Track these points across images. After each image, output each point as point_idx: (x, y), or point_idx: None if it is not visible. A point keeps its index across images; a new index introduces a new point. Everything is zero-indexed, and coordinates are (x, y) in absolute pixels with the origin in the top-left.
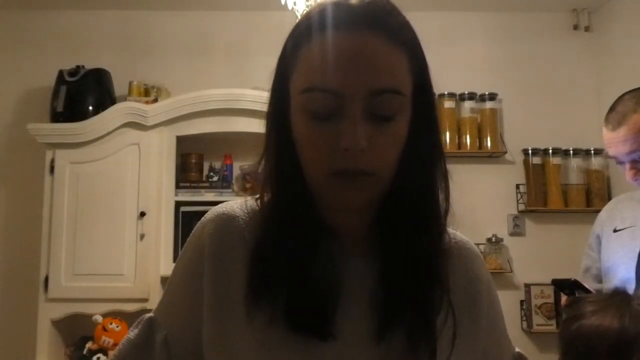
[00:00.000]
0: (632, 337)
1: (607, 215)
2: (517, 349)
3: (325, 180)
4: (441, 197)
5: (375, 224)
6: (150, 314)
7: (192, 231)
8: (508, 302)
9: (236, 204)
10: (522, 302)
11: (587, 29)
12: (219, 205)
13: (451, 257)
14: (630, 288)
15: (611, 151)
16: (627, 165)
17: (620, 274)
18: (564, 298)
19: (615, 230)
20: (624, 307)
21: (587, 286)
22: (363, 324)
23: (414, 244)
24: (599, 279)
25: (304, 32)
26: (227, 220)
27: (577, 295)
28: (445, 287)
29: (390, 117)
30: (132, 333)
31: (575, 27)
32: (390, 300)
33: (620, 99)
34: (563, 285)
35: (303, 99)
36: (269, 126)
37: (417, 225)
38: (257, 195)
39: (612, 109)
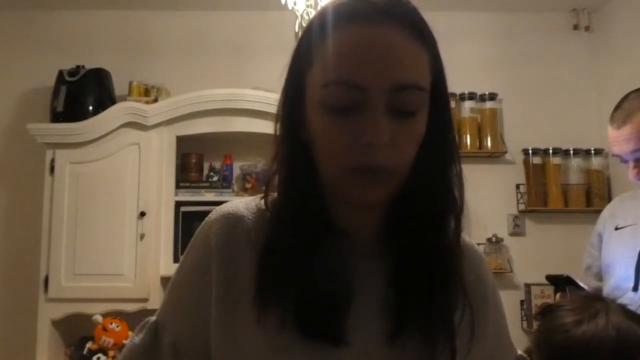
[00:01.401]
0: (631, 343)
1: (610, 213)
2: (519, 351)
3: (343, 176)
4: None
5: (386, 224)
6: (155, 317)
7: (197, 231)
8: (508, 302)
9: (241, 203)
10: (522, 302)
11: (587, 29)
12: (224, 204)
13: (461, 258)
14: (628, 286)
15: (615, 149)
16: (631, 164)
17: (620, 272)
18: (558, 295)
19: (616, 228)
20: (613, 313)
21: (580, 283)
22: (375, 328)
23: (429, 242)
24: (599, 277)
25: (323, 26)
26: (234, 220)
27: (567, 291)
28: (461, 285)
29: (411, 113)
30: (136, 338)
31: (575, 27)
32: (402, 302)
33: (626, 97)
34: (556, 281)
35: (323, 93)
36: (282, 125)
37: (432, 223)
38: (261, 195)
39: (617, 107)
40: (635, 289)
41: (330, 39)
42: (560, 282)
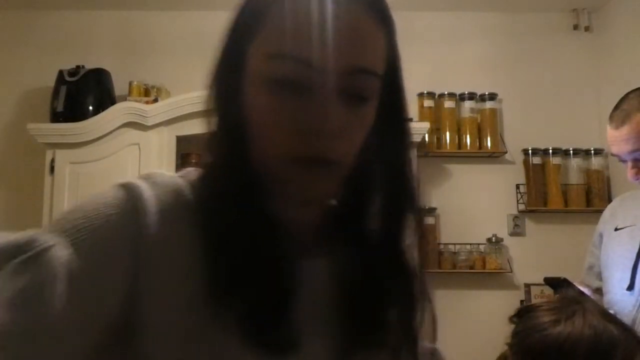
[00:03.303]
0: (606, 343)
1: (610, 213)
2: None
3: (285, 167)
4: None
5: (331, 219)
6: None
7: (99, 197)
8: (508, 302)
9: (164, 187)
10: (522, 302)
11: (587, 29)
12: (142, 181)
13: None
14: (624, 287)
15: (614, 149)
16: (629, 164)
17: (617, 273)
18: (556, 297)
19: (616, 229)
20: (590, 314)
21: (578, 286)
22: (326, 337)
23: (379, 243)
24: (601, 276)
25: None
26: (171, 196)
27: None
28: (423, 282)
29: (363, 100)
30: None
31: (575, 27)
32: (353, 310)
33: (625, 97)
34: (554, 284)
35: (269, 67)
36: (216, 99)
37: (385, 222)
38: (189, 176)
39: (617, 107)
40: (630, 288)
41: (283, 4)
42: (558, 285)
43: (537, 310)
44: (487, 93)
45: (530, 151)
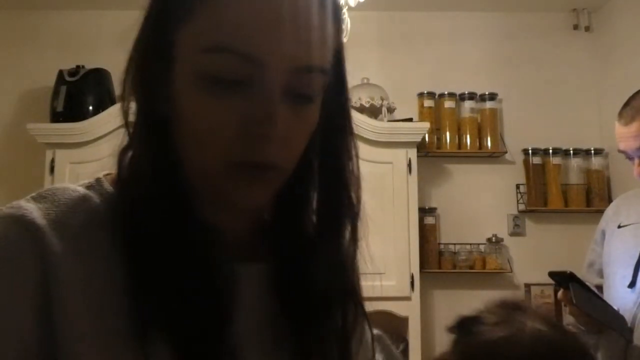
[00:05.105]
0: (571, 354)
1: (613, 211)
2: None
3: (221, 172)
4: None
5: (267, 223)
6: None
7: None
8: None
9: (59, 201)
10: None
11: (587, 29)
12: (28, 202)
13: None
14: (625, 284)
15: (621, 146)
16: (636, 161)
17: (619, 270)
18: (560, 292)
19: (619, 227)
20: (537, 322)
21: (582, 279)
22: (267, 350)
23: (316, 250)
24: (602, 274)
25: None
26: (68, 222)
27: (570, 288)
28: (359, 301)
29: (309, 100)
30: None
31: (575, 27)
32: (295, 327)
33: (635, 94)
34: (559, 278)
35: (205, 60)
36: (135, 89)
37: (321, 227)
38: (99, 183)
39: (626, 103)
40: (631, 285)
41: None
42: (563, 279)
43: (481, 324)
44: (487, 93)
45: (530, 151)
